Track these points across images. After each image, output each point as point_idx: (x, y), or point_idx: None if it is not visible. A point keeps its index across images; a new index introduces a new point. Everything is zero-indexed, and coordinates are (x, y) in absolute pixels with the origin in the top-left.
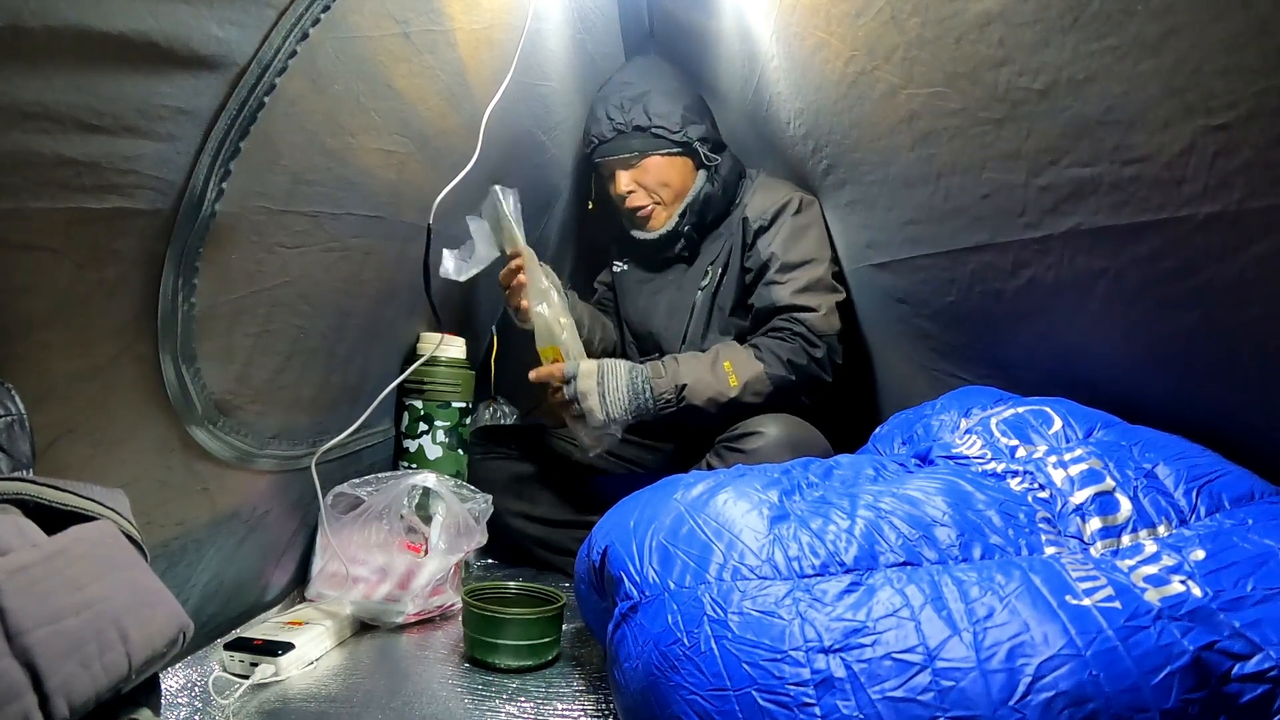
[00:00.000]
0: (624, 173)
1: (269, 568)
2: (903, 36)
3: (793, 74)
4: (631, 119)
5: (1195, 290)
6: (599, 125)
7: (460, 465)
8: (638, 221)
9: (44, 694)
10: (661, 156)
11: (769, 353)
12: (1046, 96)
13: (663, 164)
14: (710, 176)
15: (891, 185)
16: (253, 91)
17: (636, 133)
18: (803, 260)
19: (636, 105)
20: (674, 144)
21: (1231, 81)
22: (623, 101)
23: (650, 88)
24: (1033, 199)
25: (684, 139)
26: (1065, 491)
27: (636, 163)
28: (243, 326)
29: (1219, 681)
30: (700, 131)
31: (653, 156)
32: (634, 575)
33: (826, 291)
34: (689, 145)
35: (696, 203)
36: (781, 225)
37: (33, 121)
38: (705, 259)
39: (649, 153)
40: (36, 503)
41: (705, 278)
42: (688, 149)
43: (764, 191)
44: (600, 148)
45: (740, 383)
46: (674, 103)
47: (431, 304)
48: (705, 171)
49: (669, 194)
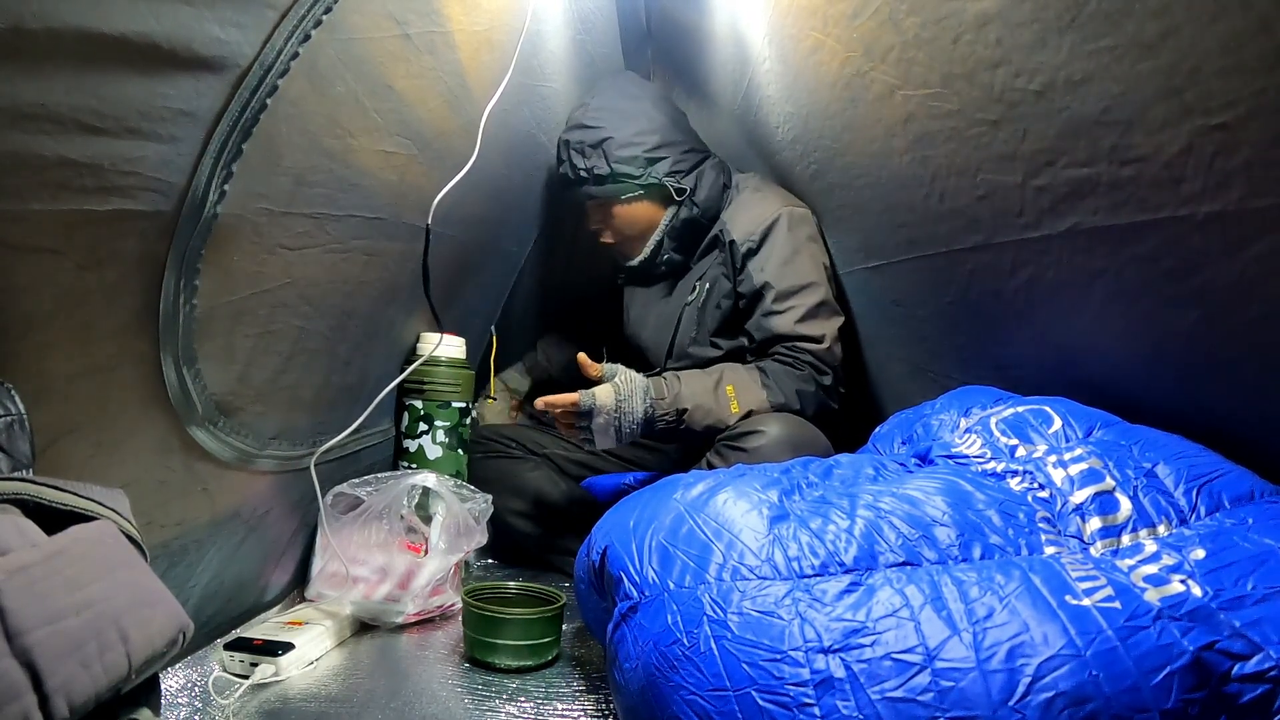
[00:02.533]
0: (594, 211)
1: (269, 568)
2: (900, 37)
3: (785, 77)
4: (593, 166)
5: (1194, 290)
6: (564, 166)
7: (460, 465)
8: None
9: (44, 694)
10: (624, 204)
11: (775, 380)
12: (1043, 97)
13: (626, 210)
14: (682, 205)
15: (885, 188)
16: (254, 93)
17: (598, 181)
18: (799, 285)
19: (596, 152)
20: (637, 188)
21: (1230, 81)
22: (584, 148)
23: (611, 131)
24: (1030, 199)
25: (648, 181)
26: (1065, 491)
27: (607, 205)
28: (244, 327)
29: (1219, 681)
30: (667, 167)
31: (616, 205)
32: (634, 575)
33: (828, 317)
34: (653, 187)
35: (672, 231)
36: (772, 247)
37: (34, 123)
38: (695, 274)
39: (613, 199)
40: (36, 503)
41: (692, 293)
42: (650, 190)
43: (749, 207)
44: (569, 187)
45: (742, 410)
46: (636, 143)
47: (431, 304)
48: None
49: (636, 231)
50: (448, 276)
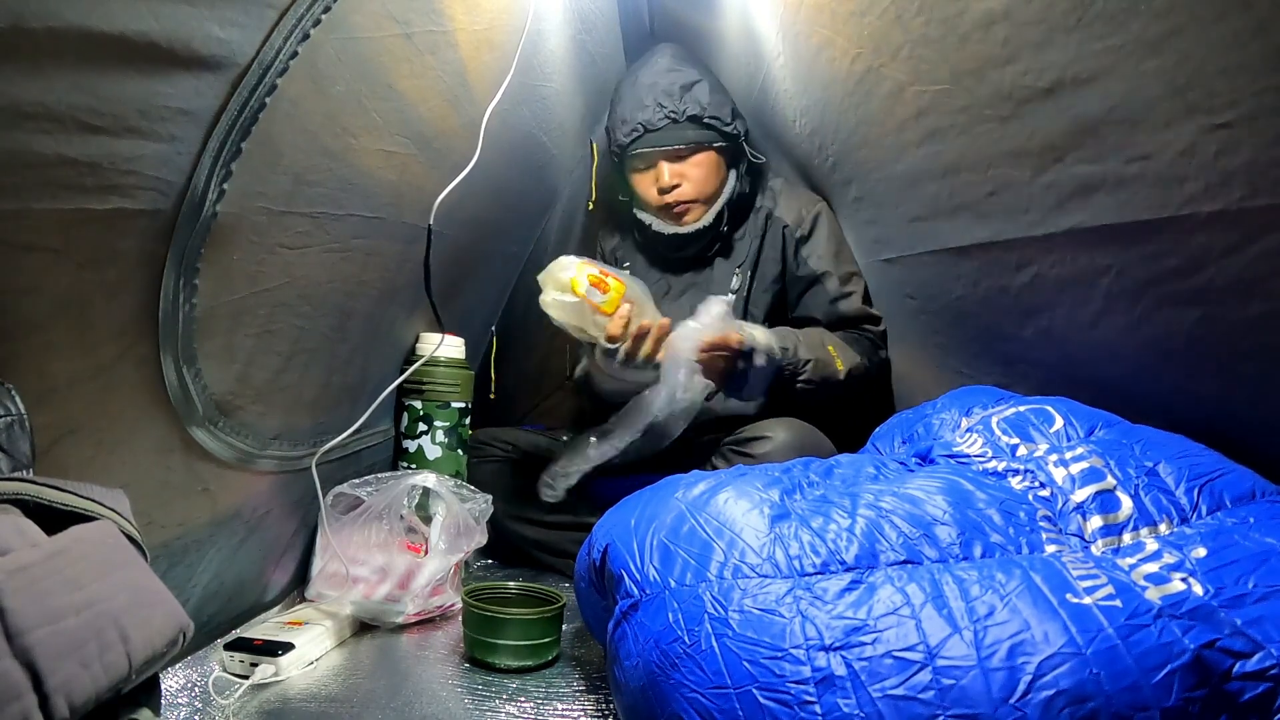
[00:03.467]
0: (670, 164)
1: (269, 568)
2: (907, 35)
3: (799, 71)
4: (685, 108)
5: (1197, 288)
6: (645, 112)
7: (460, 465)
8: (671, 217)
9: (44, 694)
10: (713, 150)
11: (854, 345)
12: (1051, 95)
13: (712, 158)
14: (741, 174)
15: (898, 182)
16: (254, 92)
17: (690, 123)
18: (854, 272)
19: (689, 94)
20: (725, 137)
21: (1233, 80)
22: (674, 88)
23: (700, 76)
24: (1037, 196)
25: (734, 132)
26: (1066, 490)
27: (687, 155)
28: (244, 327)
29: (1220, 679)
30: (745, 125)
31: (705, 150)
32: (635, 573)
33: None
34: (736, 139)
35: (732, 200)
36: (820, 233)
37: (34, 122)
38: (733, 261)
39: (703, 145)
40: (36, 503)
41: (734, 279)
42: (734, 144)
43: (790, 196)
44: (647, 136)
45: (845, 368)
46: (723, 94)
47: (432, 304)
48: (735, 170)
49: (710, 189)
50: (448, 276)
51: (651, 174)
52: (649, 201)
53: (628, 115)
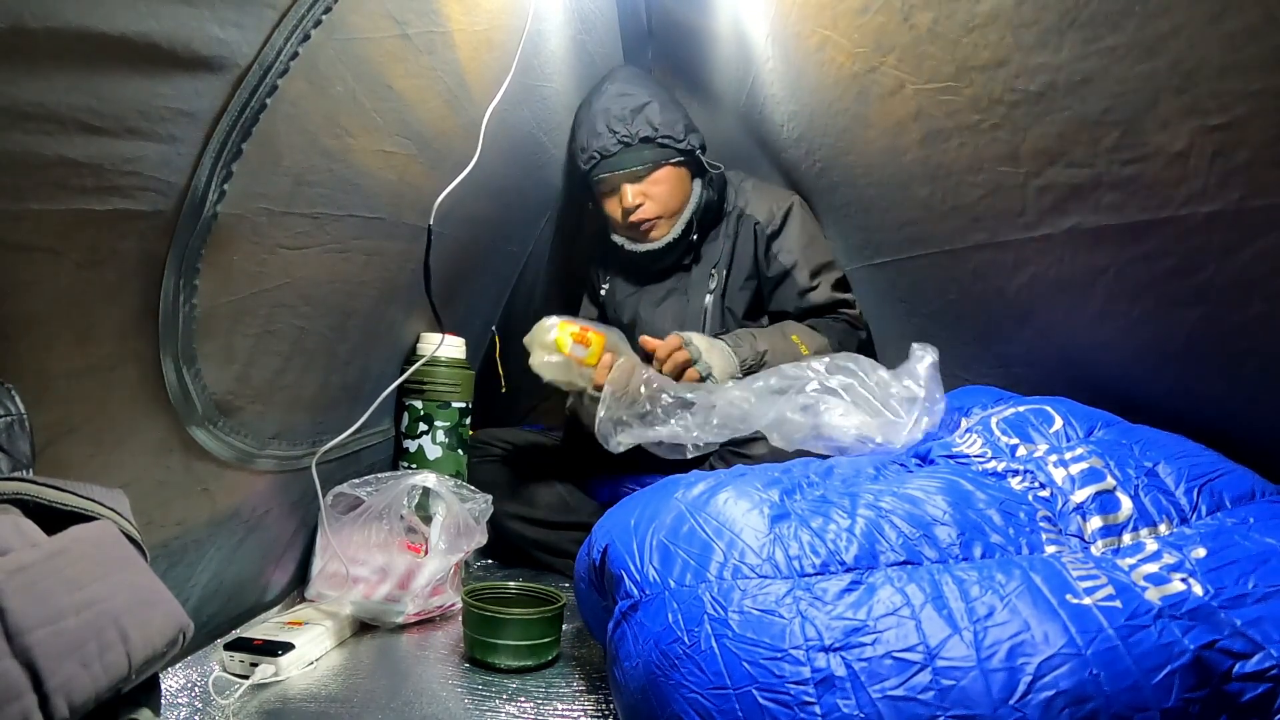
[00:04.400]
0: (631, 185)
1: (269, 568)
2: (912, 33)
3: (789, 76)
4: (637, 130)
5: (1195, 289)
6: (600, 139)
7: (460, 465)
8: (639, 235)
9: (44, 694)
10: (671, 167)
11: (826, 331)
12: (1045, 97)
13: (673, 173)
14: (705, 184)
15: (890, 185)
16: (254, 93)
17: (644, 144)
18: (825, 263)
19: (639, 116)
20: (679, 153)
21: (1230, 81)
22: (624, 113)
23: (650, 97)
24: (1032, 198)
25: (688, 148)
26: (1066, 490)
27: (646, 175)
28: (243, 327)
29: (1220, 680)
30: (699, 140)
31: (663, 168)
32: (634, 574)
33: (848, 288)
34: (691, 154)
35: (698, 211)
36: (794, 229)
37: (34, 122)
38: (708, 263)
39: (660, 164)
40: (36, 503)
41: (711, 281)
42: (690, 158)
43: (760, 195)
44: (604, 162)
45: (810, 351)
46: (675, 111)
47: (432, 304)
48: (700, 180)
49: (675, 203)
50: (448, 276)
51: (616, 197)
52: (618, 222)
53: (585, 143)
